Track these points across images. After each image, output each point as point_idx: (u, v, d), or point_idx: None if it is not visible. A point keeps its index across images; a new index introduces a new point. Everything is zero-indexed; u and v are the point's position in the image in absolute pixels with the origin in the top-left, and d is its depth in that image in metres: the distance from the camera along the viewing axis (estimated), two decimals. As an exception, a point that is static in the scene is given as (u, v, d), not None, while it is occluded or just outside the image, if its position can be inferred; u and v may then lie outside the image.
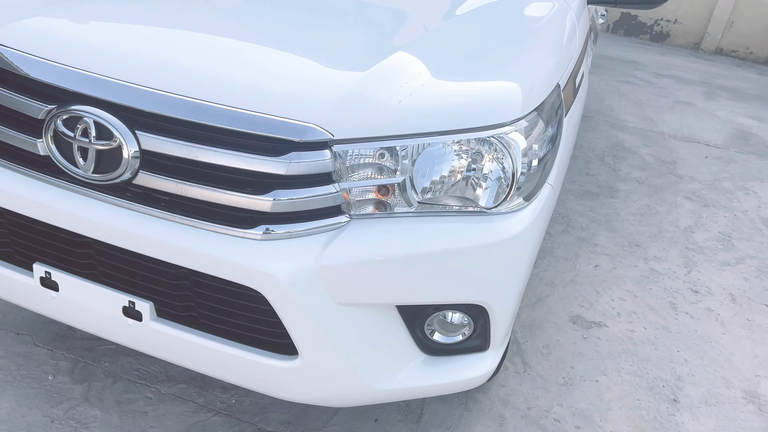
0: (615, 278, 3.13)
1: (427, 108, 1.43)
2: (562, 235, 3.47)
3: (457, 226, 1.46)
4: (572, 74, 1.86)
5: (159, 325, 1.48)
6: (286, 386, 1.48)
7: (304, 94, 1.36)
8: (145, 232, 1.36)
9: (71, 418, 1.91)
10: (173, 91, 1.33)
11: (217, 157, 1.32)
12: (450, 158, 1.45)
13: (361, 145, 1.38)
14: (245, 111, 1.31)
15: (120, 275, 1.48)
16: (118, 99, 1.33)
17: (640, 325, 2.79)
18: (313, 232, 1.37)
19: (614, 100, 6.19)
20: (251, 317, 1.43)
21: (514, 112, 1.49)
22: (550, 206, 1.68)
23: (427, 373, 1.62)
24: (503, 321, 1.64)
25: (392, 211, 1.45)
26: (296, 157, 1.32)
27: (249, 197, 1.33)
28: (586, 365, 2.49)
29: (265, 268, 1.32)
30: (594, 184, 4.19)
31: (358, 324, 1.45)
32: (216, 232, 1.36)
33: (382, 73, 1.46)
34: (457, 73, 1.53)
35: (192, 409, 2.00)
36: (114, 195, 1.40)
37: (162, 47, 1.43)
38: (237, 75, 1.37)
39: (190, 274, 1.40)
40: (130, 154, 1.35)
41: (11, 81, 1.43)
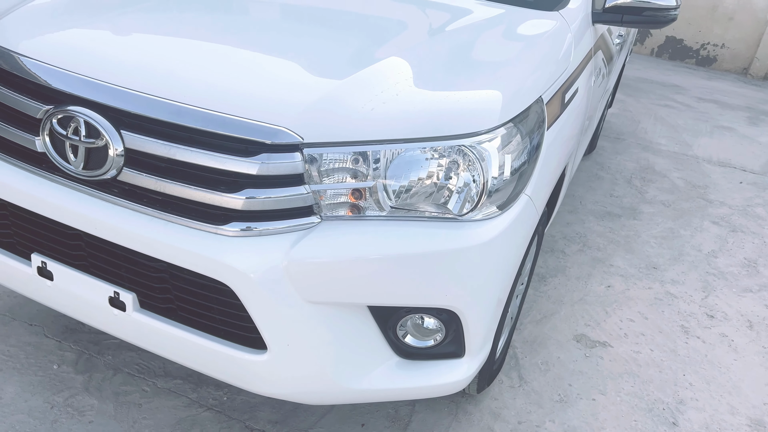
0: (627, 299, 3.09)
1: (400, 116, 1.48)
2: (577, 254, 3.44)
3: (427, 230, 1.50)
4: (561, 89, 1.88)
5: (141, 315, 1.56)
6: (256, 379, 1.54)
7: (277, 99, 1.43)
8: (127, 225, 1.45)
9: (70, 405, 2.01)
10: (156, 94, 1.42)
11: (194, 157, 1.41)
12: (422, 165, 1.50)
13: (332, 149, 1.44)
14: (220, 113, 1.40)
15: (107, 267, 1.57)
16: (105, 100, 1.44)
17: (647, 347, 2.75)
18: (284, 231, 1.43)
19: (649, 123, 6.10)
20: (223, 311, 1.50)
21: (487, 121, 1.53)
22: (528, 217, 1.70)
23: (400, 376, 1.65)
24: (477, 328, 1.66)
25: (364, 215, 1.50)
26: (267, 159, 1.39)
27: (222, 195, 1.40)
28: (584, 384, 2.46)
29: (234, 263, 1.38)
30: (617, 206, 4.15)
31: (328, 322, 1.50)
32: (192, 228, 1.43)
33: (358, 81, 1.52)
34: (433, 83, 1.58)
35: (184, 404, 2.08)
36: (102, 191, 1.50)
37: (148, 54, 1.53)
38: (216, 80, 1.46)
39: (168, 267, 1.48)
40: (115, 152, 1.44)
41: (14, 82, 1.56)
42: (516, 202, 1.64)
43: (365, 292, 1.48)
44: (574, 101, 2.02)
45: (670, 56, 9.59)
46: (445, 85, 1.59)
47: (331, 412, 2.13)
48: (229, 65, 1.51)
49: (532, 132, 1.67)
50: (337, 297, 1.47)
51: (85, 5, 1.73)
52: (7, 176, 1.57)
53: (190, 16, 1.73)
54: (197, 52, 1.55)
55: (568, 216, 3.88)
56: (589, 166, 4.76)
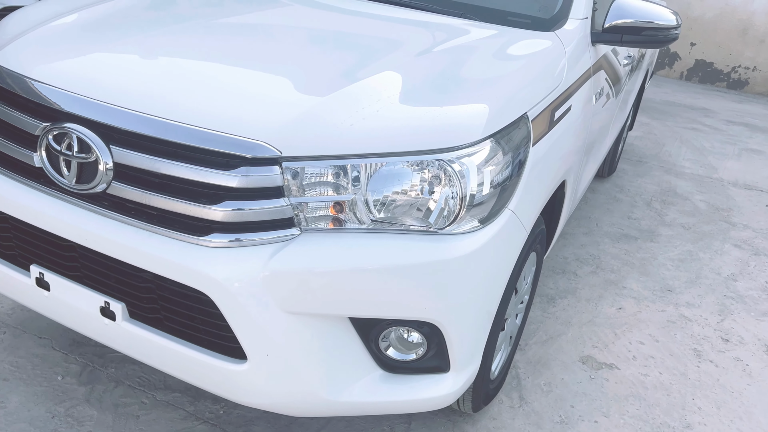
0: (638, 322, 3.04)
1: (380, 131, 1.51)
2: (589, 276, 3.40)
3: (406, 243, 1.52)
4: (549, 107, 1.90)
5: (130, 325, 1.61)
6: (237, 389, 1.56)
7: (258, 114, 1.48)
8: (115, 237, 1.51)
9: (70, 416, 2.06)
10: (142, 111, 1.49)
11: (177, 170, 1.46)
12: (402, 178, 1.53)
13: (311, 162, 1.48)
14: (202, 128, 1.45)
15: (98, 277, 1.63)
16: (95, 116, 1.51)
17: (656, 370, 2.69)
18: (263, 243, 1.47)
19: (674, 146, 6.02)
20: (205, 320, 1.54)
21: (467, 136, 1.56)
22: (513, 232, 1.71)
23: (383, 390, 1.66)
24: (462, 343, 1.66)
25: (344, 227, 1.53)
26: (246, 172, 1.44)
27: (203, 207, 1.45)
28: (587, 406, 2.43)
29: (213, 273, 1.43)
30: (634, 228, 4.09)
31: (308, 333, 1.52)
32: (175, 239, 1.48)
33: (341, 98, 1.57)
34: (416, 100, 1.62)
35: (181, 417, 2.11)
36: (93, 203, 1.56)
37: (138, 73, 1.60)
38: (201, 97, 1.52)
39: (153, 277, 1.53)
40: (104, 167, 1.51)
41: (16, 101, 1.65)
42: (498, 216, 1.65)
43: (344, 304, 1.50)
44: (566, 119, 2.03)
45: (700, 79, 9.48)
46: (428, 101, 1.62)
47: (325, 427, 2.14)
48: (214, 83, 1.57)
49: (515, 148, 1.69)
50: (316, 308, 1.49)
51: (83, 31, 1.83)
52: (8, 190, 1.65)
53: (182, 37, 1.81)
54: (185, 71, 1.62)
55: (583, 238, 3.84)
56: (608, 188, 4.72)
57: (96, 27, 1.84)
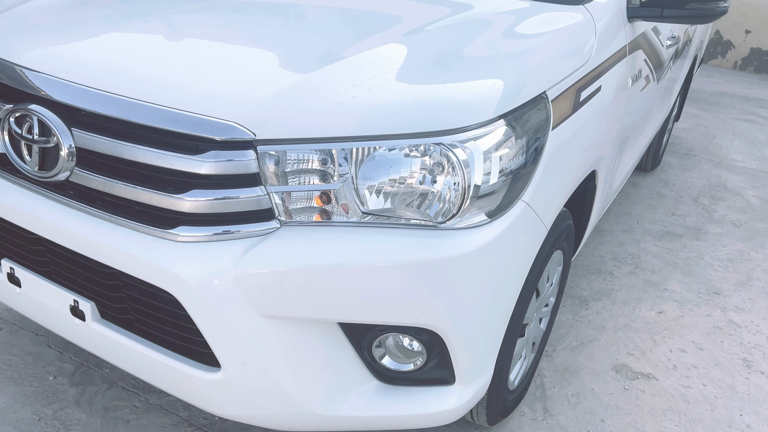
0: (680, 327, 2.77)
1: (372, 110, 1.33)
2: (627, 276, 3.14)
3: (400, 239, 1.34)
4: (574, 86, 1.68)
5: (100, 326, 1.47)
6: (212, 400, 1.40)
7: (231, 92, 1.31)
8: (77, 229, 1.37)
9: (57, 419, 1.95)
10: (104, 89, 1.34)
11: (141, 155, 1.31)
12: (396, 165, 1.34)
13: (292, 146, 1.30)
14: (167, 108, 1.29)
15: (67, 274, 1.49)
16: (55, 95, 1.37)
17: (699, 382, 2.44)
18: (236, 237, 1.31)
19: (725, 139, 5.65)
20: (175, 323, 1.38)
21: (473, 117, 1.36)
22: (528, 227, 1.51)
23: (379, 403, 1.48)
24: (467, 352, 1.47)
25: (331, 220, 1.35)
26: (215, 156, 1.28)
27: (167, 196, 1.30)
28: (619, 420, 2.19)
29: (179, 270, 1.27)
30: (679, 225, 3.80)
31: (290, 339, 1.35)
32: (140, 232, 1.33)
33: (327, 75, 1.39)
34: (416, 76, 1.43)
35: (174, 422, 1.97)
36: (57, 193, 1.43)
37: (102, 49, 1.45)
38: (169, 73, 1.36)
39: (120, 274, 1.38)
40: (66, 152, 1.37)
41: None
42: (510, 209, 1.45)
43: (328, 308, 1.33)
44: (595, 100, 1.81)
45: (755, 69, 8.96)
46: (430, 77, 1.43)
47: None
48: (184, 59, 1.41)
49: (531, 131, 1.48)
50: (296, 311, 1.32)
51: (51, 12, 1.70)
52: (-26, 179, 1.53)
53: (151, 14, 1.65)
54: (152, 47, 1.47)
55: (622, 235, 3.58)
56: (651, 183, 4.42)
57: (64, 8, 1.71)
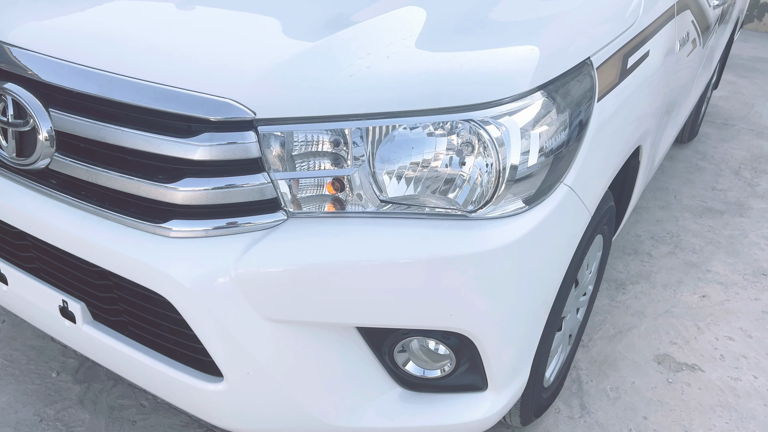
0: (725, 313, 2.57)
1: (390, 82, 1.15)
2: (667, 257, 2.94)
3: (424, 231, 1.16)
4: (621, 51, 1.47)
5: (92, 329, 1.33)
6: (214, 411, 1.26)
7: (227, 66, 1.14)
8: (59, 223, 1.21)
9: (60, 419, 1.82)
10: (83, 63, 1.17)
11: (126, 139, 1.14)
12: (420, 146, 1.16)
13: (298, 126, 1.13)
14: (154, 84, 1.12)
15: (54, 272, 1.35)
16: (28, 69, 1.20)
17: (750, 374, 2.24)
18: (237, 231, 1.14)
19: (766, 107, 5.35)
20: (171, 328, 1.23)
21: (508, 88, 1.17)
22: (570, 214, 1.32)
23: (403, 412, 1.32)
24: (502, 356, 1.30)
25: (344, 211, 1.18)
26: (210, 139, 1.11)
27: (157, 186, 1.13)
28: (664, 417, 2.02)
29: (170, 270, 1.11)
30: (720, 201, 3.56)
31: (300, 346, 1.20)
32: (128, 227, 1.17)
33: (337, 42, 1.20)
34: (441, 42, 1.24)
35: (182, 423, 1.84)
36: (38, 182, 1.27)
37: (82, 20, 1.28)
38: (157, 46, 1.19)
39: (109, 273, 1.23)
40: (44, 136, 1.21)
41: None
42: (551, 194, 1.26)
43: (341, 310, 1.16)
44: (642, 67, 1.60)
45: (795, 32, 8.52)
46: (457, 44, 1.24)
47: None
48: (175, 28, 1.24)
49: (574, 104, 1.28)
50: (307, 315, 1.16)
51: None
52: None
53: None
54: (139, 15, 1.29)
55: (659, 213, 3.36)
56: (688, 155, 4.17)
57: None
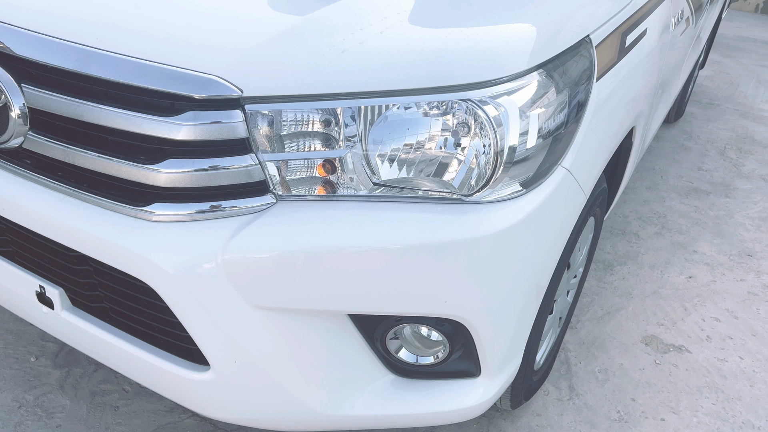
0: (712, 293, 2.58)
1: (384, 59, 1.10)
2: (654, 238, 2.93)
3: (419, 215, 1.12)
4: (619, 29, 1.43)
5: (71, 315, 1.27)
6: (200, 401, 1.22)
7: (213, 39, 1.08)
8: (33, 205, 1.15)
9: (39, 405, 1.78)
10: (59, 36, 1.10)
11: (105, 117, 1.08)
12: (414, 126, 1.11)
13: (287, 105, 1.08)
14: (134, 59, 1.06)
15: (30, 256, 1.29)
16: (2, 43, 1.13)
17: (736, 354, 2.25)
18: (223, 215, 1.09)
19: (750, 87, 5.35)
20: (154, 315, 1.18)
21: (506, 67, 1.12)
22: (568, 197, 1.29)
23: (395, 400, 1.30)
24: (496, 343, 1.27)
25: (334, 194, 1.13)
26: (194, 118, 1.05)
27: (139, 168, 1.08)
28: (652, 399, 2.02)
29: (152, 255, 1.06)
30: (706, 181, 3.57)
31: (289, 334, 1.16)
32: (108, 210, 1.12)
33: (328, 16, 1.15)
34: (436, 18, 1.18)
35: (166, 408, 1.80)
36: (13, 163, 1.21)
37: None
38: (137, 17, 1.12)
39: (89, 258, 1.17)
40: (16, 113, 1.14)
41: None
42: (548, 177, 1.22)
43: (332, 297, 1.12)
44: (640, 45, 1.56)
45: (778, 12, 8.55)
46: (453, 20, 1.19)
47: (334, 425, 1.80)
48: (160, 3, 1.17)
49: (573, 83, 1.24)
50: (296, 302, 1.12)
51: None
52: None
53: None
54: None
55: (646, 193, 3.35)
56: (674, 135, 4.17)
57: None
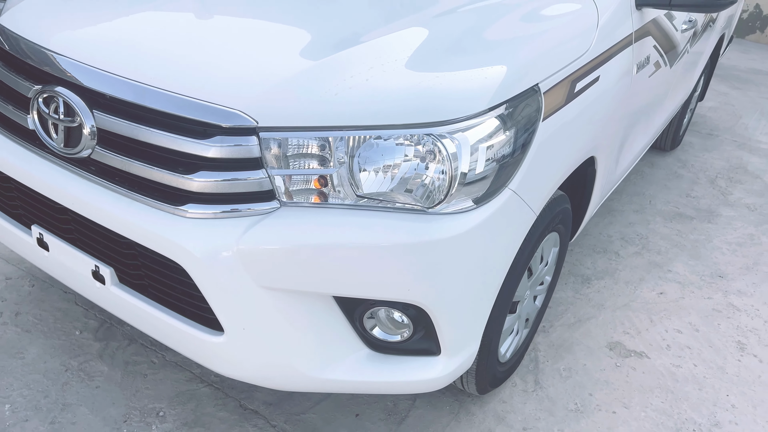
0: (679, 308, 2.85)
1: (367, 101, 1.43)
2: (633, 257, 3.21)
3: (389, 221, 1.44)
4: (569, 77, 1.75)
5: (118, 290, 1.62)
6: (215, 360, 1.55)
7: (239, 80, 1.42)
8: (97, 202, 1.50)
9: (82, 370, 2.13)
10: (122, 75, 1.46)
11: (154, 137, 1.43)
12: (390, 153, 1.44)
13: (292, 133, 1.41)
14: (179, 95, 1.41)
15: (89, 242, 1.64)
16: (77, 78, 1.50)
17: (690, 362, 2.52)
18: (239, 215, 1.43)
19: (753, 119, 5.58)
20: (183, 290, 1.52)
21: (464, 109, 1.45)
22: (514, 213, 1.60)
23: (369, 369, 1.61)
24: (452, 327, 1.58)
25: (326, 202, 1.47)
26: (221, 141, 1.39)
27: (179, 177, 1.42)
28: (607, 395, 2.30)
29: (186, 244, 1.40)
30: (692, 207, 3.83)
31: (287, 309, 1.48)
32: (153, 207, 1.47)
33: (330, 64, 1.48)
34: (410, 68, 1.51)
35: (187, 378, 2.14)
36: (81, 168, 1.56)
37: (123, 38, 1.57)
38: (183, 62, 1.47)
39: (135, 244, 1.52)
40: (88, 131, 1.50)
41: (13, 62, 1.66)
42: (497, 196, 1.54)
43: (322, 282, 1.45)
44: (591, 90, 1.87)
45: (794, 46, 8.70)
46: (425, 69, 1.51)
47: (327, 399, 2.12)
48: (200, 48, 1.52)
49: (519, 123, 1.56)
50: (293, 285, 1.45)
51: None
52: (7, 151, 1.67)
53: (172, 3, 1.75)
54: (170, 36, 1.57)
55: (633, 215, 3.63)
56: (669, 163, 4.43)
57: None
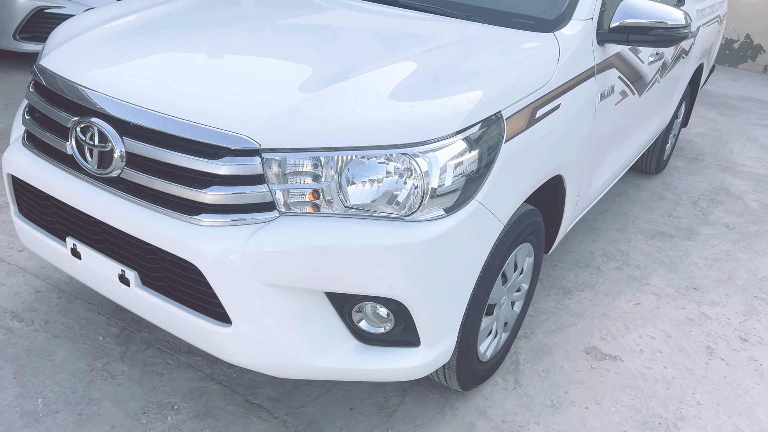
0: (654, 317, 3.07)
1: (353, 127, 1.70)
2: (614, 271, 3.44)
3: (372, 227, 1.71)
4: (530, 105, 2.02)
5: (141, 291, 1.89)
6: (224, 349, 1.80)
7: (244, 110, 1.71)
8: (126, 214, 1.78)
9: (106, 370, 2.38)
10: (147, 107, 1.75)
11: (174, 158, 1.71)
12: (373, 170, 1.71)
13: (289, 154, 1.69)
14: (194, 123, 1.69)
15: (117, 249, 1.91)
16: (110, 111, 1.79)
17: (661, 364, 2.74)
18: (245, 223, 1.70)
19: (739, 144, 5.83)
20: (198, 288, 1.78)
21: (435, 132, 1.72)
22: (481, 221, 1.86)
23: (357, 358, 1.86)
24: (429, 321, 1.83)
25: (319, 212, 1.73)
26: (230, 161, 1.67)
27: (193, 191, 1.70)
28: (581, 393, 2.52)
29: (201, 247, 1.67)
30: (673, 226, 4.06)
31: (286, 303, 1.74)
32: (173, 218, 1.74)
33: (324, 95, 1.77)
34: (391, 98, 1.79)
35: (198, 377, 2.39)
36: (111, 186, 1.84)
37: (148, 75, 1.87)
38: (198, 95, 1.76)
39: (156, 249, 1.79)
40: (118, 155, 1.79)
41: (54, 98, 1.96)
42: (465, 206, 1.80)
43: (316, 280, 1.71)
44: (552, 117, 2.14)
45: (784, 74, 8.99)
46: (403, 98, 1.79)
47: (325, 394, 2.36)
48: (213, 83, 1.81)
49: (484, 144, 1.83)
50: (291, 282, 1.71)
51: (109, 41, 2.12)
52: (48, 174, 1.96)
53: (190, 43, 2.06)
54: (188, 72, 1.87)
55: (615, 234, 3.87)
56: (654, 185, 4.68)
57: (119, 37, 2.13)
